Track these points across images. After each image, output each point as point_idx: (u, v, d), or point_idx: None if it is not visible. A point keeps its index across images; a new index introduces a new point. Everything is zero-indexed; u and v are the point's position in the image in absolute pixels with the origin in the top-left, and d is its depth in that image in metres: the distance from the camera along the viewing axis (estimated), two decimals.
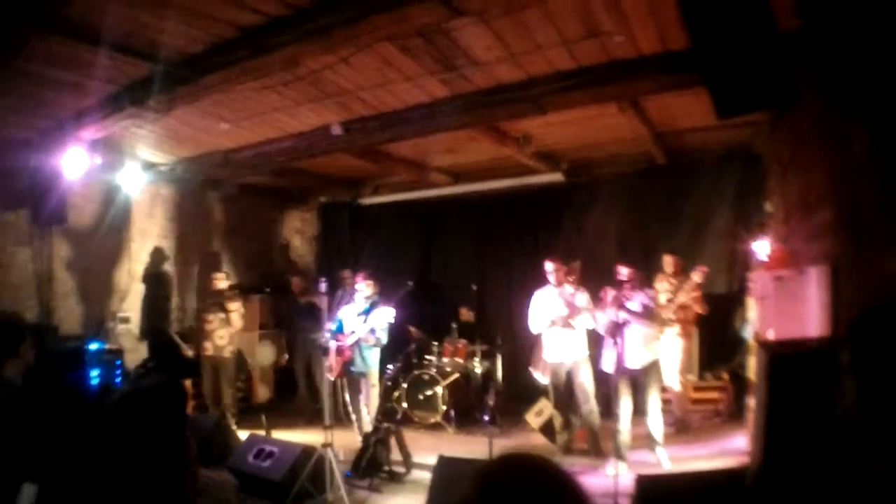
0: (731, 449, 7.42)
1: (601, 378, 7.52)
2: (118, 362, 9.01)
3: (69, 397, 7.14)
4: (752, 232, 8.99)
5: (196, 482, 2.30)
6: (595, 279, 8.23)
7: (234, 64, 5.63)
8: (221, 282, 10.01)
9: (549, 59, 6.07)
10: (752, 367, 7.13)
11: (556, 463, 1.35)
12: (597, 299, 7.51)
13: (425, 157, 9.96)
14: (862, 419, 2.53)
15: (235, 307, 9.64)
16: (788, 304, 5.35)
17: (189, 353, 9.87)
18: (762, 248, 7.78)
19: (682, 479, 5.14)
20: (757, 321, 7.07)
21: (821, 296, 4.61)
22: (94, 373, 8.45)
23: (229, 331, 9.61)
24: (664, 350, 7.79)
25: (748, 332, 7.90)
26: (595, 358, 7.58)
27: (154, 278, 10.78)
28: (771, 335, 5.95)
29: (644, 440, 7.30)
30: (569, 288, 7.95)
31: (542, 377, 8.22)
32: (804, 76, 4.47)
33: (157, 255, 10.91)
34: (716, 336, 7.93)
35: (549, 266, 7.99)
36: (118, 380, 8.83)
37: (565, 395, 7.96)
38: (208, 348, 9.56)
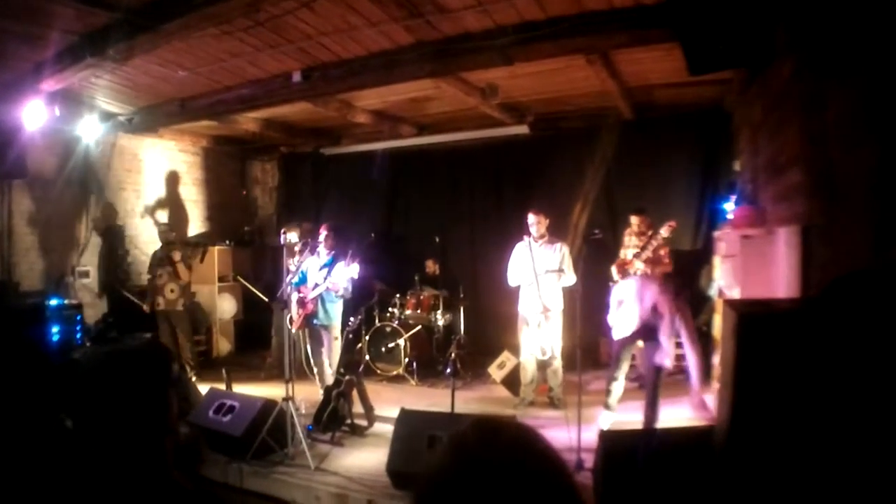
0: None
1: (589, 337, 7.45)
2: (78, 318, 8.88)
3: (30, 354, 7.03)
4: (719, 190, 9.01)
5: (178, 446, 2.21)
6: (560, 234, 8.25)
7: (194, 10, 5.49)
8: (168, 234, 9.90)
9: (517, 9, 5.94)
10: (718, 325, 7.17)
11: (532, 428, 1.31)
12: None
13: (388, 106, 9.79)
14: (837, 384, 2.52)
15: (179, 258, 9.54)
16: (756, 263, 5.36)
17: (145, 307, 9.72)
18: (729, 206, 7.78)
19: (647, 436, 5.15)
20: (722, 279, 7.10)
21: (790, 257, 4.61)
22: (55, 329, 8.33)
23: (179, 283, 9.52)
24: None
25: (714, 290, 7.94)
26: (591, 318, 7.45)
27: (111, 231, 10.55)
28: (736, 294, 5.98)
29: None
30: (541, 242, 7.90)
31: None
32: (779, 36, 4.41)
33: (113, 207, 10.69)
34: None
35: (531, 218, 7.91)
36: (78, 335, 8.71)
37: (534, 348, 7.94)
38: (161, 303, 9.53)
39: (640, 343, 6.93)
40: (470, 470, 1.19)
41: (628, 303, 6.87)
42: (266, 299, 10.71)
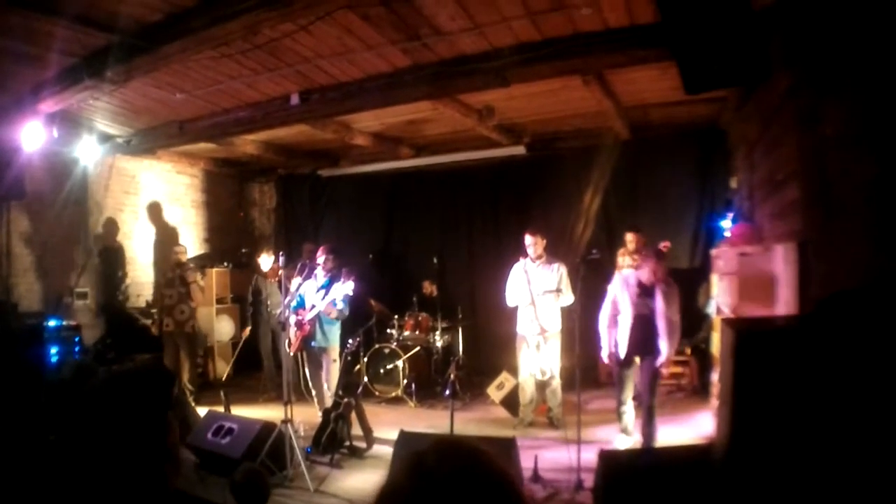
0: (693, 424, 7.49)
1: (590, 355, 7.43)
2: (77, 339, 8.85)
3: (29, 375, 7.01)
4: (716, 207, 9.03)
5: (178, 470, 2.19)
6: (558, 255, 8.27)
7: (192, 33, 5.50)
8: (182, 255, 9.86)
9: (513, 31, 5.98)
10: (717, 342, 7.17)
11: (488, 451, 1.32)
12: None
13: (386, 128, 9.82)
14: (835, 400, 2.53)
15: (194, 280, 9.50)
16: (754, 280, 5.36)
17: (153, 329, 9.66)
18: (726, 223, 7.80)
19: (647, 455, 5.14)
20: (720, 297, 7.10)
21: (788, 273, 4.61)
22: (54, 350, 8.30)
23: (190, 305, 9.46)
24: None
25: (712, 308, 7.94)
26: (590, 337, 7.42)
27: (109, 252, 10.55)
28: (735, 311, 5.98)
29: (608, 415, 7.35)
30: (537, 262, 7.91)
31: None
32: (774, 53, 4.44)
33: (112, 229, 10.68)
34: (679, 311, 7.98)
35: (528, 239, 7.92)
36: (77, 356, 8.66)
37: (533, 368, 7.92)
38: (169, 324, 9.43)
39: (637, 360, 6.92)
40: (421, 482, 1.21)
41: (621, 303, 6.90)
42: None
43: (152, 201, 11.53)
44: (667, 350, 6.64)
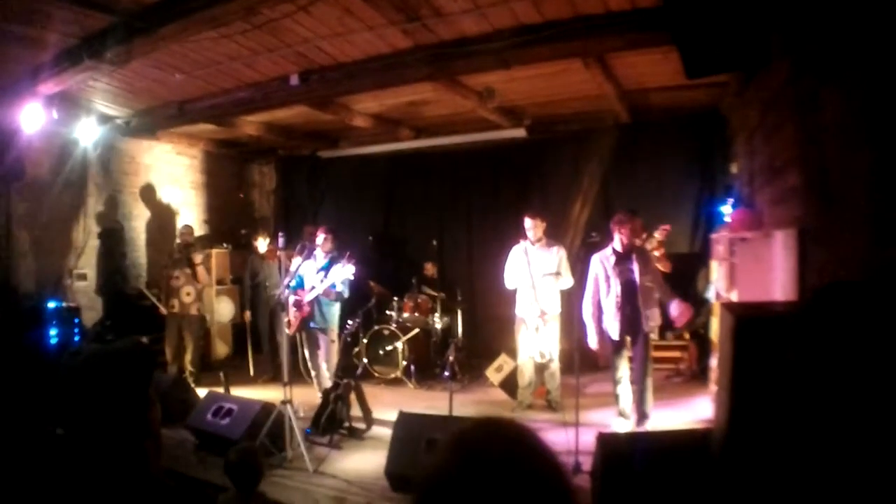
0: (692, 409, 7.51)
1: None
2: (76, 320, 8.84)
3: (29, 357, 7.02)
4: (716, 193, 9.02)
5: (160, 448, 2.21)
6: (557, 237, 8.27)
7: (192, 13, 5.49)
8: (190, 237, 9.83)
9: (514, 12, 5.94)
10: (716, 327, 7.18)
11: (533, 430, 1.32)
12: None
13: (386, 109, 9.78)
14: (834, 387, 2.53)
15: (200, 261, 9.49)
16: (753, 266, 5.36)
17: (162, 310, 9.63)
18: (726, 209, 7.80)
19: (645, 439, 5.16)
20: (720, 282, 7.11)
21: (787, 259, 4.62)
22: (53, 331, 8.30)
23: (196, 287, 9.46)
24: None
25: (711, 293, 7.95)
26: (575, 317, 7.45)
27: (109, 234, 10.53)
28: (734, 296, 5.99)
29: (606, 398, 7.38)
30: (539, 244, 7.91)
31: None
32: (775, 39, 4.43)
33: (111, 210, 10.66)
34: (678, 295, 8.00)
35: (527, 222, 7.90)
36: (76, 338, 8.67)
37: (531, 351, 7.93)
38: (175, 305, 9.42)
39: (629, 341, 6.97)
40: (472, 467, 1.19)
41: (604, 280, 6.97)
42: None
43: (152, 182, 11.50)
44: (653, 309, 6.87)
